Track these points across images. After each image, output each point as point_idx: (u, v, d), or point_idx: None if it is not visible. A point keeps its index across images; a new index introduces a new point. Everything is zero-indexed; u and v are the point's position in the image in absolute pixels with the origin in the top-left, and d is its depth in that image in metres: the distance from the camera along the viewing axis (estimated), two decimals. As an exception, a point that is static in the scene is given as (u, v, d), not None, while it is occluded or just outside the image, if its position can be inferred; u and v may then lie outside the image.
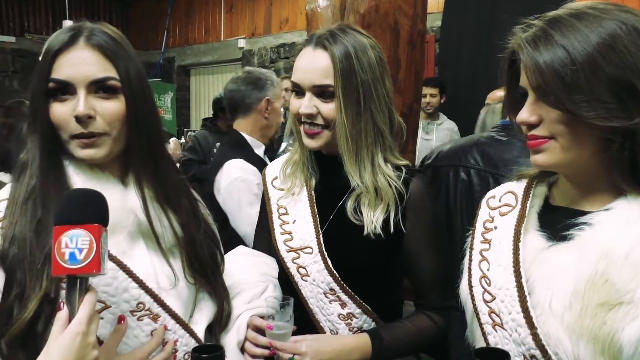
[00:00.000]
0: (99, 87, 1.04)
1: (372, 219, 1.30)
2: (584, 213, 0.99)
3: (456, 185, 1.81)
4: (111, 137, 1.06)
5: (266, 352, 1.22)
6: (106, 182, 1.08)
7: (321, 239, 1.34)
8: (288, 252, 1.37)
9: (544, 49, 0.92)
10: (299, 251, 1.35)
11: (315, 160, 1.42)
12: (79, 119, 1.02)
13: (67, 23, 7.64)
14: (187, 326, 1.14)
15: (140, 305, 1.07)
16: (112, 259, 1.04)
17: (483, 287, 1.07)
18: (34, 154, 1.06)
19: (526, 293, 0.97)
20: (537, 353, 0.94)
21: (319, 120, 1.31)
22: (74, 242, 0.86)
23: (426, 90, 4.62)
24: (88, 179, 1.07)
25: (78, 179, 1.07)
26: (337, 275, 1.31)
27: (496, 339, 1.02)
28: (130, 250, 1.09)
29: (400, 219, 1.31)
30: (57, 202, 0.98)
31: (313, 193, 1.40)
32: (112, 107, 1.05)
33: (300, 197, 1.40)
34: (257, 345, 1.23)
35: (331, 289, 1.32)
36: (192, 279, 1.16)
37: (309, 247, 1.34)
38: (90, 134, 1.04)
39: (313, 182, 1.41)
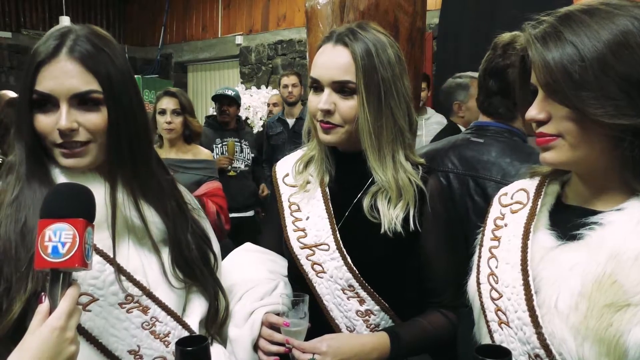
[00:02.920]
0: (81, 100, 1.04)
1: (393, 216, 1.30)
2: (596, 212, 0.97)
3: None
4: (96, 144, 1.07)
5: (281, 349, 1.22)
6: (92, 180, 1.08)
7: (338, 235, 1.34)
8: (302, 249, 1.36)
9: (554, 45, 0.91)
10: (313, 248, 1.35)
11: (331, 156, 1.42)
12: (62, 133, 1.03)
13: (64, 19, 7.62)
14: (179, 318, 1.14)
15: (128, 297, 1.07)
16: (99, 252, 1.05)
17: (491, 284, 1.06)
18: (20, 158, 1.07)
19: (532, 292, 0.96)
20: (542, 352, 0.93)
21: (336, 119, 1.31)
22: (57, 236, 0.86)
23: None
24: (74, 178, 1.07)
25: (64, 179, 1.07)
26: (357, 272, 1.31)
27: (502, 337, 1.02)
28: (117, 246, 1.09)
29: (418, 217, 1.32)
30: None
31: (327, 189, 1.40)
32: (95, 119, 1.06)
33: (314, 193, 1.40)
34: (272, 343, 1.23)
35: (350, 286, 1.32)
36: (178, 282, 1.16)
37: (325, 244, 1.34)
38: (75, 143, 1.05)
39: (327, 179, 1.41)
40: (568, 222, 1.00)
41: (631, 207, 0.93)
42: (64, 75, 1.03)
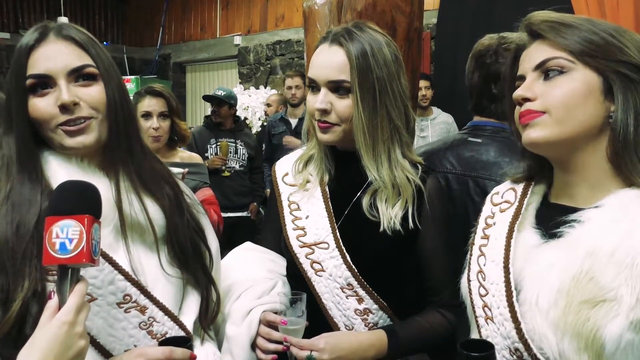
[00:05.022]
0: (78, 76, 1.06)
1: (391, 215, 1.30)
2: (577, 210, 1.00)
3: None
4: (98, 120, 1.07)
5: (279, 347, 1.23)
6: (92, 176, 1.08)
7: (337, 234, 1.34)
8: (301, 247, 1.37)
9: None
10: (313, 246, 1.35)
11: (330, 155, 1.42)
12: (64, 107, 1.03)
13: (62, 19, 7.60)
14: (176, 318, 1.14)
15: (126, 297, 1.07)
16: None
17: (479, 281, 1.09)
18: (10, 155, 1.06)
19: (513, 288, 1.00)
20: (520, 346, 0.96)
21: (332, 118, 1.32)
22: (64, 233, 0.87)
23: (420, 84, 4.64)
24: (73, 172, 1.07)
25: (63, 173, 1.06)
26: (356, 270, 1.32)
27: (487, 332, 1.05)
28: (117, 243, 1.09)
29: (417, 216, 1.33)
30: (33, 199, 0.99)
31: (327, 188, 1.40)
32: (94, 92, 1.07)
33: (314, 192, 1.41)
34: (271, 341, 1.23)
35: (349, 284, 1.32)
36: (173, 269, 1.16)
37: (324, 243, 1.35)
38: (78, 119, 1.05)
39: (326, 178, 1.41)
40: (551, 220, 1.02)
41: (608, 204, 0.96)
42: (57, 54, 1.05)
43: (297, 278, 1.39)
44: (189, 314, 1.18)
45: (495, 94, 1.72)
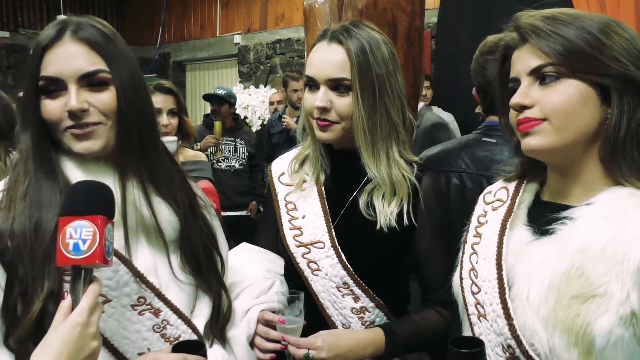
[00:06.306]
0: (89, 81, 1.03)
1: (387, 212, 1.31)
2: (569, 207, 1.01)
3: (449, 192, 1.78)
4: (107, 126, 1.05)
5: (277, 346, 1.23)
6: (108, 177, 1.07)
7: (333, 233, 1.35)
8: (298, 247, 1.37)
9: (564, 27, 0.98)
10: (309, 246, 1.36)
11: (326, 154, 1.42)
12: (72, 114, 1.02)
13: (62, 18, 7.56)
14: (189, 321, 1.14)
15: (141, 299, 1.07)
16: (114, 252, 1.03)
17: (471, 279, 1.10)
18: (27, 152, 1.06)
19: (505, 285, 1.00)
20: (513, 343, 0.97)
21: (332, 116, 1.32)
22: (78, 233, 0.87)
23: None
24: (88, 174, 1.06)
25: (78, 174, 1.06)
26: (351, 269, 1.32)
27: (480, 329, 1.06)
28: (132, 245, 1.08)
29: (412, 214, 1.33)
30: (53, 198, 0.98)
31: (323, 188, 1.40)
32: (105, 98, 1.04)
33: (310, 192, 1.41)
34: (268, 340, 1.23)
35: (344, 283, 1.33)
36: (186, 276, 1.15)
37: (320, 242, 1.35)
38: (85, 124, 1.03)
39: (322, 177, 1.42)
40: (543, 217, 1.03)
41: (599, 201, 0.97)
42: (69, 57, 1.02)
43: (294, 277, 1.39)
44: (201, 317, 1.17)
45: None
